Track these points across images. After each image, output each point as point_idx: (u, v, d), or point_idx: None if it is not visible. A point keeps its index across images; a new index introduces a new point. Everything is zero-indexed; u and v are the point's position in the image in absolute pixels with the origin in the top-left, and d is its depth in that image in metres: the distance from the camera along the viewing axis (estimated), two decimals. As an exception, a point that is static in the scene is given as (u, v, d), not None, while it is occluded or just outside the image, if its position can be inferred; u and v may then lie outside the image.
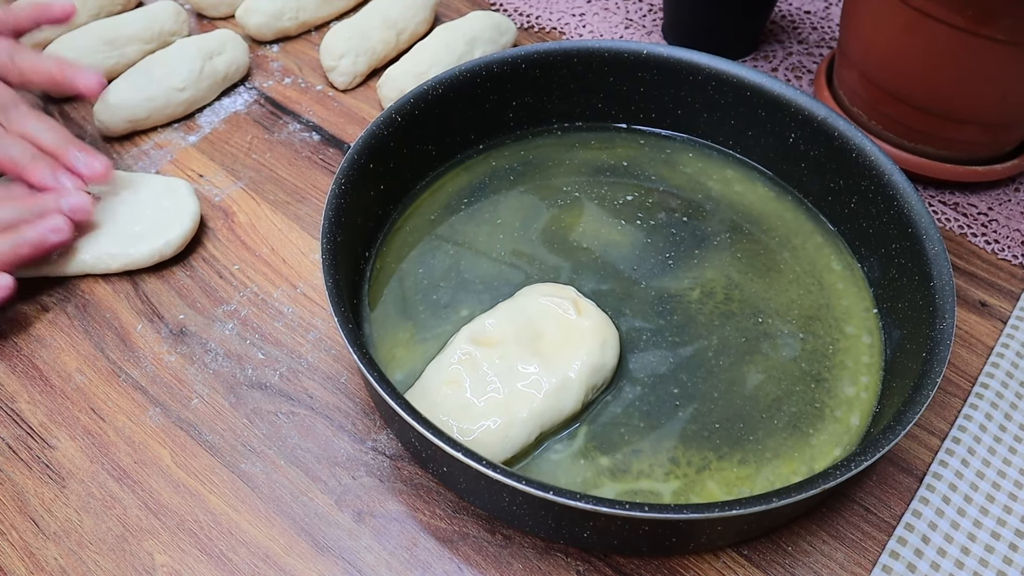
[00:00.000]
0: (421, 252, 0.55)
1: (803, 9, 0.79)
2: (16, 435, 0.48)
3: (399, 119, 0.53)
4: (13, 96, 0.56)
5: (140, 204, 0.58)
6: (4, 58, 0.56)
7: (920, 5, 0.53)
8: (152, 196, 0.58)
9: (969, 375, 0.52)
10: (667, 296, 0.53)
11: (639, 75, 0.59)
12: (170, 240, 0.56)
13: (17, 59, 0.56)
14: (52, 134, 0.55)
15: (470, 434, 0.44)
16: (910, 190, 0.50)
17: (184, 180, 0.60)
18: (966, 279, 0.57)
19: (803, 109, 0.55)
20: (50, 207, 0.53)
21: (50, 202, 0.53)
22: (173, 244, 0.56)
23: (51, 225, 0.52)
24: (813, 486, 0.37)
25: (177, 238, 0.56)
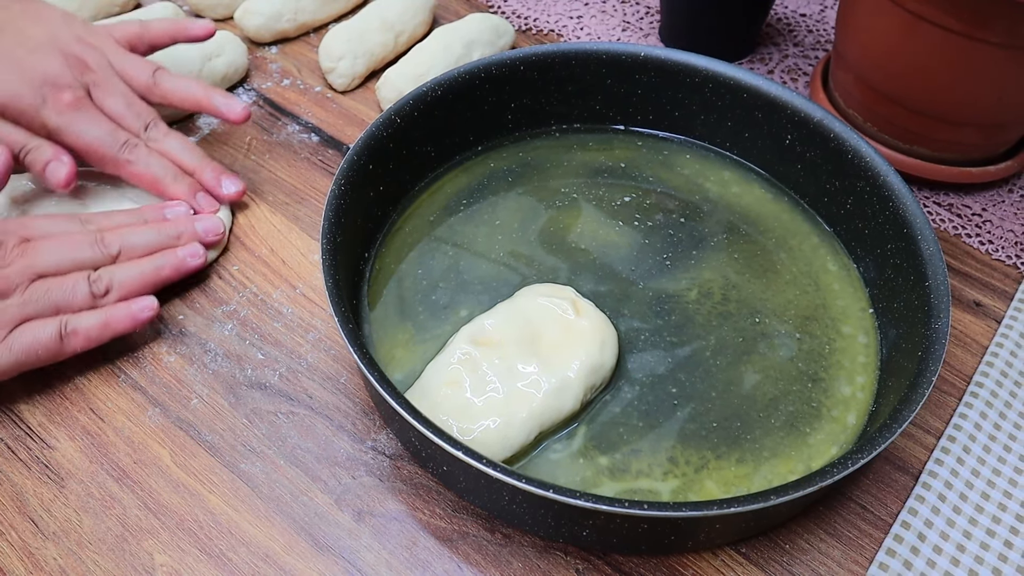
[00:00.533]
0: (420, 253, 0.55)
1: (799, 12, 0.80)
2: (15, 435, 0.48)
3: (398, 120, 0.54)
4: (153, 114, 0.58)
5: None
6: (146, 78, 0.58)
7: (915, 8, 0.53)
8: None
9: (964, 374, 0.53)
10: (665, 297, 0.53)
11: (637, 77, 0.59)
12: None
13: (159, 79, 0.58)
14: (190, 154, 0.58)
15: (470, 434, 0.44)
16: (905, 191, 0.50)
17: None
18: (960, 279, 0.58)
19: (799, 111, 0.56)
20: (186, 231, 0.55)
21: (186, 225, 0.55)
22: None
23: (190, 251, 0.54)
24: (810, 484, 0.38)
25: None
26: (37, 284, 0.49)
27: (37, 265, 0.50)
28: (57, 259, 0.50)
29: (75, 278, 0.50)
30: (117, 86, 0.56)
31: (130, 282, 0.52)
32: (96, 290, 0.51)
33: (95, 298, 0.51)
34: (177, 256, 0.54)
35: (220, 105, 0.58)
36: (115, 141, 0.55)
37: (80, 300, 0.50)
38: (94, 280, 0.51)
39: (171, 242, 0.55)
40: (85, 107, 0.55)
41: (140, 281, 0.52)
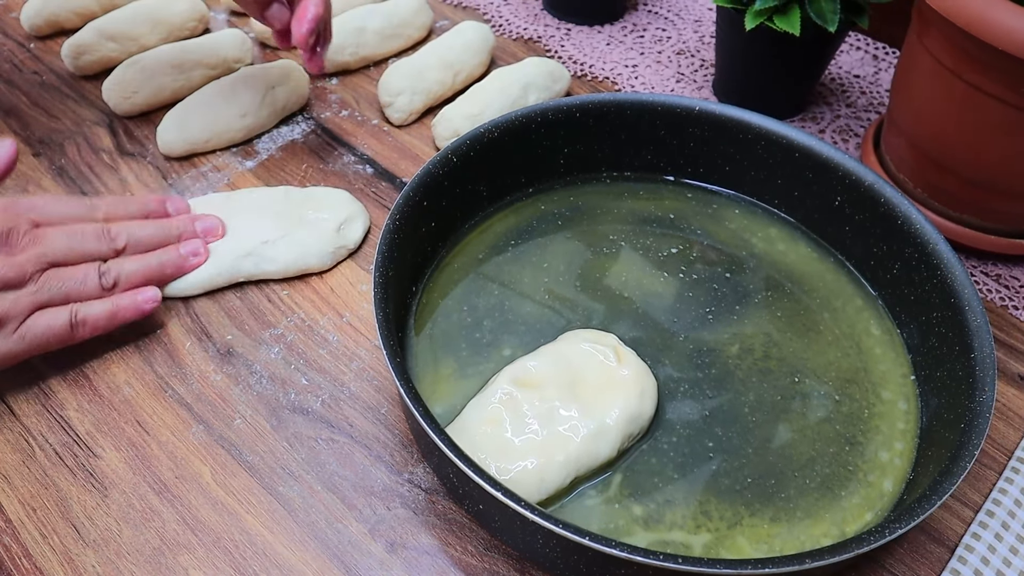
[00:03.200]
0: (466, 290, 0.56)
1: (852, 73, 0.80)
2: (63, 441, 0.50)
3: (454, 159, 0.55)
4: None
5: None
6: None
7: (973, 79, 0.54)
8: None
9: (1005, 448, 0.52)
10: (706, 349, 0.54)
11: (690, 130, 0.60)
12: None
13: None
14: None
15: (507, 473, 0.44)
16: (954, 260, 0.50)
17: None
18: (1006, 351, 0.58)
19: (851, 173, 0.56)
20: (187, 229, 0.58)
21: (187, 224, 0.58)
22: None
23: (191, 249, 0.57)
24: (847, 550, 0.38)
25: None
26: (50, 273, 0.51)
27: (48, 253, 0.51)
28: (67, 248, 0.52)
29: (85, 269, 0.53)
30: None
31: (136, 277, 0.54)
32: (105, 283, 0.53)
33: (103, 290, 0.53)
34: (180, 254, 0.56)
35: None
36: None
37: (90, 291, 0.52)
38: (103, 272, 0.53)
39: (172, 240, 0.57)
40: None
41: (144, 277, 0.55)
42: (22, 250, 0.50)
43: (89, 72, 0.75)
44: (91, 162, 0.67)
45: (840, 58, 0.82)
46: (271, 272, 0.58)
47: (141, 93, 0.70)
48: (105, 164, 0.67)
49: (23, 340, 0.49)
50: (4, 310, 0.48)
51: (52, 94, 0.73)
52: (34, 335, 0.50)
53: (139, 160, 0.68)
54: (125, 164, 0.67)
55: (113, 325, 0.53)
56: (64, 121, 0.71)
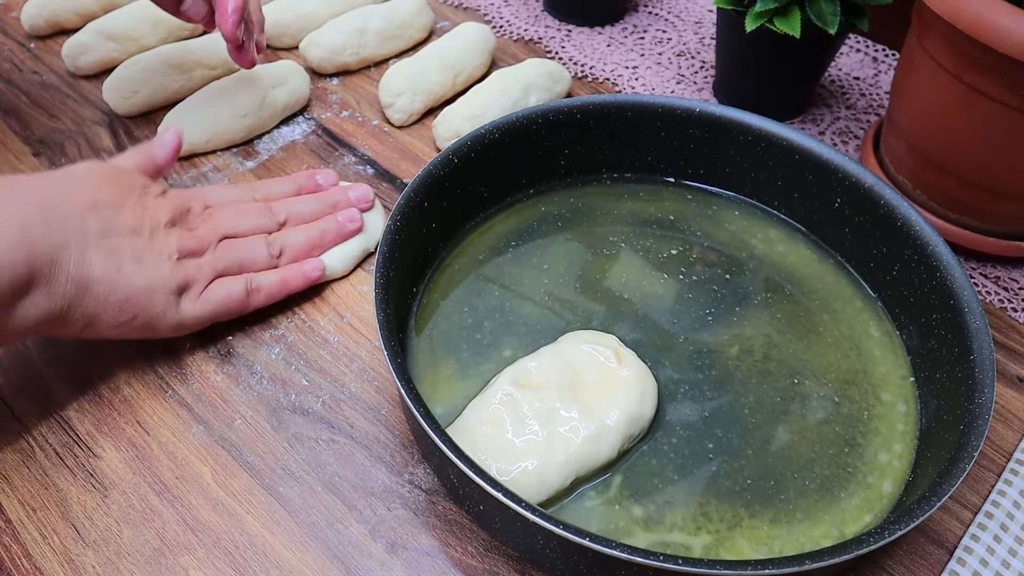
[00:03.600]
0: (467, 291, 0.56)
1: (852, 75, 0.80)
2: (63, 442, 0.50)
3: (455, 160, 0.55)
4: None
5: None
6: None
7: (972, 81, 0.54)
8: None
9: (1004, 450, 0.52)
10: (706, 351, 0.54)
11: (690, 132, 0.60)
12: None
13: None
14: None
15: (507, 474, 0.44)
16: (954, 263, 0.50)
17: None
18: (1005, 353, 0.58)
19: (850, 175, 0.56)
20: (341, 199, 0.61)
21: (340, 195, 0.61)
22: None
23: (348, 216, 0.60)
24: (846, 551, 0.38)
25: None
26: (224, 244, 0.55)
27: (221, 227, 0.55)
28: (235, 223, 0.56)
29: (255, 240, 0.56)
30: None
31: (300, 246, 0.58)
32: (273, 251, 0.56)
33: (272, 259, 0.56)
34: (338, 221, 0.59)
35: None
36: None
37: (261, 259, 0.56)
38: (270, 243, 0.56)
39: (329, 210, 0.60)
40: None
41: (308, 245, 0.58)
42: (199, 226, 0.54)
43: (89, 72, 0.75)
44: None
45: (840, 60, 0.82)
46: None
47: (141, 93, 0.70)
48: (105, 164, 0.67)
49: (208, 304, 0.52)
50: (190, 275, 0.52)
51: (52, 94, 0.73)
52: (218, 299, 0.53)
53: (139, 160, 0.67)
54: (125, 164, 0.67)
55: (284, 292, 0.56)
56: (64, 121, 0.71)
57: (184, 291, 0.51)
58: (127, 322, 0.49)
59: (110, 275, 0.47)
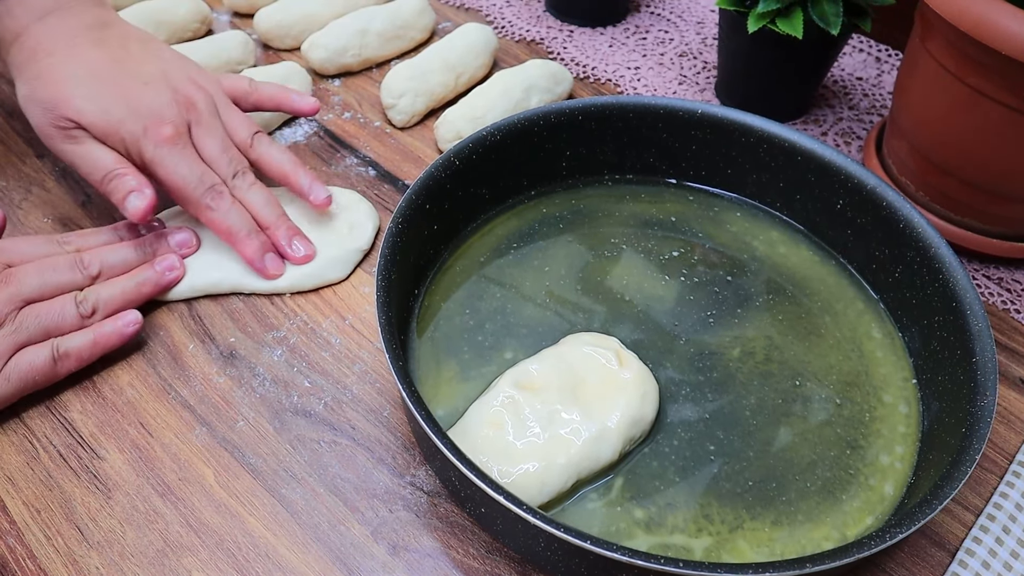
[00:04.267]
0: (468, 293, 0.56)
1: (855, 75, 0.80)
2: (67, 443, 0.50)
3: (457, 162, 0.55)
4: (244, 164, 0.59)
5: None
6: (244, 135, 0.60)
7: (975, 83, 0.54)
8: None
9: (1007, 452, 0.52)
10: (707, 352, 0.54)
11: (692, 133, 0.60)
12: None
13: (256, 142, 0.60)
14: (269, 209, 0.59)
15: (508, 476, 0.44)
16: (956, 264, 0.50)
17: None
18: (1007, 355, 0.58)
19: (852, 177, 0.56)
20: (160, 246, 0.58)
21: (159, 242, 0.58)
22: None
23: (167, 264, 0.56)
24: (848, 554, 0.38)
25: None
26: (26, 311, 0.51)
27: (23, 291, 0.51)
28: (40, 283, 0.52)
29: (62, 301, 0.52)
30: (217, 129, 0.58)
31: (114, 301, 0.54)
32: (83, 311, 0.53)
33: (82, 319, 0.53)
34: (155, 271, 0.56)
35: (304, 187, 0.59)
36: (202, 184, 0.56)
37: (69, 323, 0.52)
38: (80, 301, 0.53)
39: (147, 258, 0.57)
40: (181, 143, 0.56)
41: (123, 299, 0.54)
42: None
43: (92, 74, 0.75)
44: (95, 164, 0.67)
45: (843, 61, 0.82)
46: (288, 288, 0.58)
47: (144, 95, 0.70)
48: (108, 166, 0.67)
49: (8, 382, 0.49)
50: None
51: (56, 96, 0.73)
52: (19, 375, 0.49)
53: (142, 162, 0.68)
54: (128, 166, 0.67)
55: (97, 353, 0.52)
56: (68, 123, 0.71)
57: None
58: None
59: None
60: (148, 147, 0.55)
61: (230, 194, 0.57)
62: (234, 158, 0.58)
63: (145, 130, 0.55)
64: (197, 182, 0.56)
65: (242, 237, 0.57)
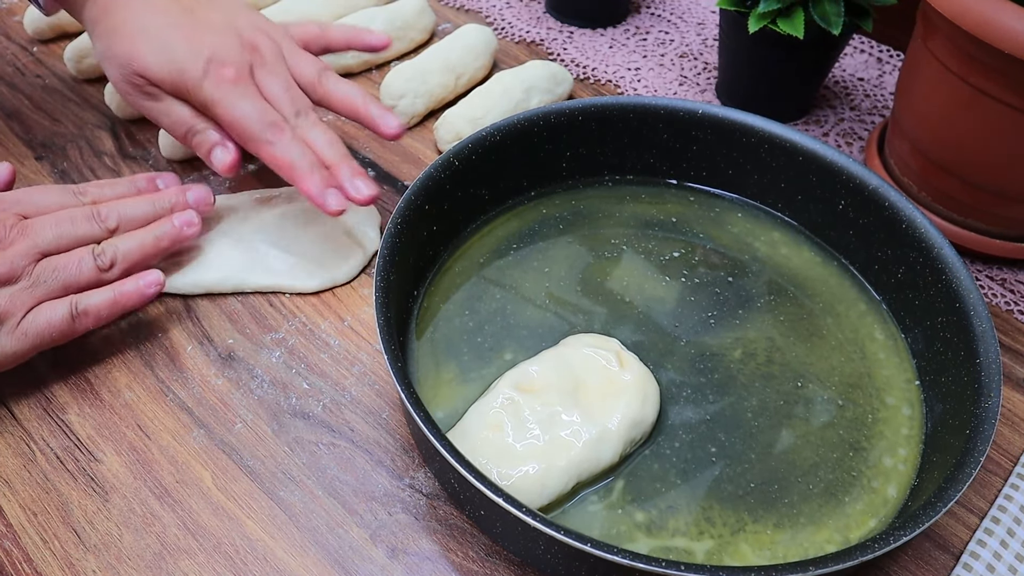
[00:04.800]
0: (468, 294, 0.56)
1: (856, 76, 0.80)
2: (64, 446, 0.50)
3: (456, 163, 0.55)
4: (307, 103, 0.57)
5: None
6: (312, 74, 0.58)
7: (977, 83, 0.54)
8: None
9: (1011, 454, 0.52)
10: (708, 354, 0.53)
11: (693, 133, 0.60)
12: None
13: (324, 78, 0.58)
14: (332, 149, 0.56)
15: (508, 478, 0.44)
16: (959, 265, 0.50)
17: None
18: (1011, 356, 0.57)
19: (854, 177, 0.56)
20: (179, 201, 0.57)
21: (178, 196, 0.57)
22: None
23: (185, 219, 0.55)
24: (851, 557, 0.37)
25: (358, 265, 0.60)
26: (43, 263, 0.50)
27: (39, 244, 0.50)
28: (57, 235, 0.51)
29: (80, 254, 0.52)
30: (280, 70, 0.56)
31: (132, 254, 0.53)
32: (101, 264, 0.52)
33: (101, 272, 0.52)
34: (174, 225, 0.55)
35: (376, 116, 0.57)
36: (262, 120, 0.54)
37: (87, 276, 0.51)
38: (98, 254, 0.52)
39: (165, 212, 0.56)
40: (243, 83, 0.54)
41: (141, 253, 0.54)
42: (11, 244, 0.50)
43: (92, 76, 0.75)
44: (93, 165, 0.67)
45: (844, 61, 0.82)
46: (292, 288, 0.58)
47: (143, 97, 0.70)
48: (107, 167, 0.67)
49: (26, 337, 0.49)
50: (2, 307, 0.48)
51: (55, 98, 0.73)
52: (37, 330, 0.49)
53: (141, 163, 0.67)
54: (127, 167, 0.67)
55: (116, 312, 0.52)
56: (66, 124, 0.71)
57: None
58: None
59: None
60: (209, 88, 0.54)
61: (291, 132, 0.55)
62: (296, 97, 0.56)
63: (206, 72, 0.54)
64: (258, 118, 0.54)
65: (304, 171, 0.54)
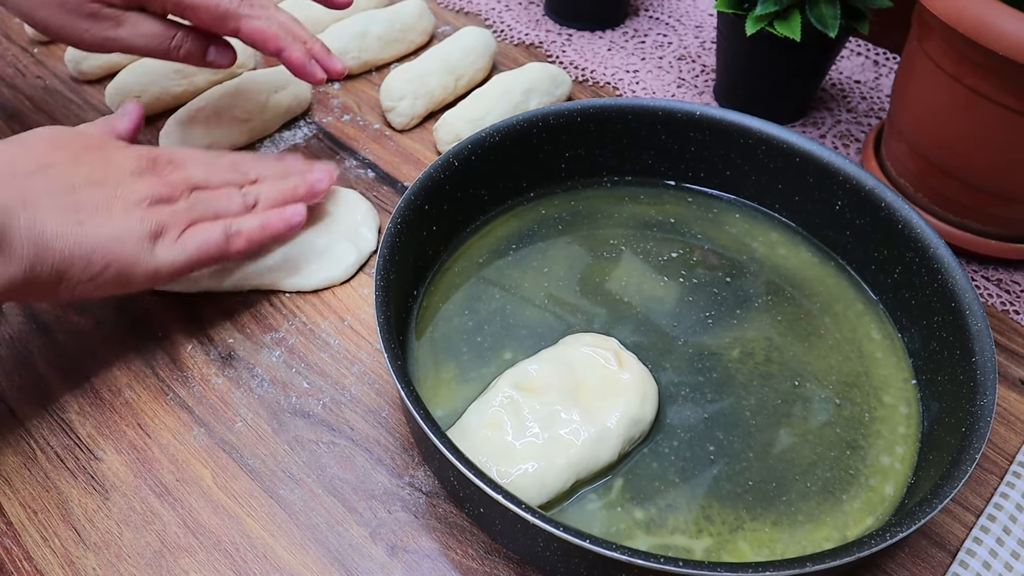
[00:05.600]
0: (467, 294, 0.56)
1: (853, 78, 0.80)
2: (64, 444, 0.50)
3: (456, 163, 0.55)
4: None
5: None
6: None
7: (973, 84, 0.54)
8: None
9: (1007, 452, 0.52)
10: (707, 353, 0.54)
11: (691, 135, 0.60)
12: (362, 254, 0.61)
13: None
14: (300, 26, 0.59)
15: (507, 477, 0.44)
16: (955, 265, 0.50)
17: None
18: (1007, 356, 0.58)
19: (851, 178, 0.56)
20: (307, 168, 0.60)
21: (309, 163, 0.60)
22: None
23: (318, 175, 0.59)
24: (848, 554, 0.38)
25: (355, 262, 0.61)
26: (197, 192, 0.54)
27: (192, 177, 0.54)
28: (207, 175, 0.55)
29: (228, 191, 0.55)
30: None
31: (274, 197, 0.57)
32: (248, 201, 0.55)
33: (247, 208, 0.55)
34: (309, 178, 0.58)
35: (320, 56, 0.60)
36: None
37: (236, 208, 0.55)
38: (245, 193, 0.56)
39: (297, 173, 0.59)
40: None
41: (281, 197, 0.57)
42: (168, 174, 0.53)
43: (92, 77, 0.75)
44: (93, 166, 0.67)
45: (841, 63, 0.82)
46: (291, 286, 0.58)
47: (143, 97, 0.70)
48: (107, 168, 0.67)
49: (185, 249, 0.51)
50: (163, 221, 0.50)
51: (55, 98, 0.74)
52: (195, 244, 0.51)
53: (141, 164, 0.68)
54: (127, 168, 0.67)
55: (265, 236, 0.54)
56: (67, 125, 0.71)
57: (158, 237, 0.50)
58: (99, 273, 0.48)
59: (70, 230, 0.46)
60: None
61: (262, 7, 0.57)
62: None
63: None
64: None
65: (289, 41, 0.56)
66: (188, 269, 0.52)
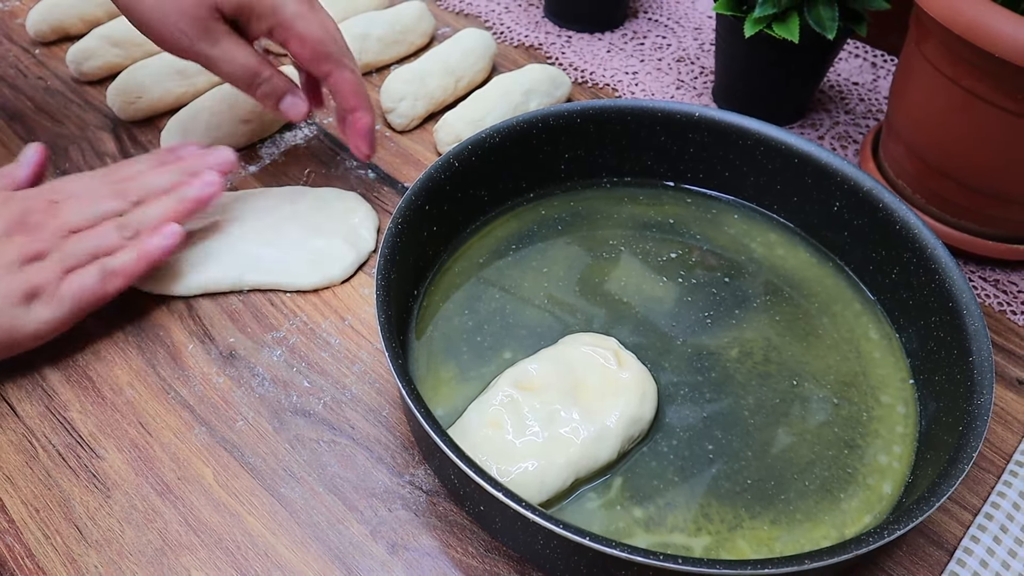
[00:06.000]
0: (467, 294, 0.56)
1: (851, 80, 0.81)
2: (66, 443, 0.50)
3: (456, 164, 0.55)
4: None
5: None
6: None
7: (971, 86, 0.54)
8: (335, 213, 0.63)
9: (1004, 452, 0.52)
10: (705, 353, 0.54)
11: (690, 136, 0.61)
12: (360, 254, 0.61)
13: None
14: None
15: (507, 475, 0.44)
16: (952, 265, 0.51)
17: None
18: (1004, 356, 0.58)
19: (849, 179, 0.56)
20: (201, 166, 0.58)
21: (199, 161, 0.58)
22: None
23: (205, 180, 0.57)
24: (845, 551, 0.38)
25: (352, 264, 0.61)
26: (71, 238, 0.53)
27: (68, 223, 0.53)
28: (84, 215, 0.54)
29: (105, 226, 0.54)
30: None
31: (155, 221, 0.55)
32: (125, 235, 0.54)
33: (124, 241, 0.54)
34: (193, 187, 0.56)
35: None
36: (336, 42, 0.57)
37: (112, 244, 0.53)
38: (122, 225, 0.54)
39: (188, 179, 0.57)
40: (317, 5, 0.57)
41: (163, 218, 0.55)
42: (43, 225, 0.52)
43: (94, 78, 0.75)
44: (95, 166, 0.67)
45: (839, 65, 0.82)
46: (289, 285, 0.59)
47: (145, 98, 0.70)
48: (109, 168, 0.67)
49: (63, 303, 0.51)
50: (36, 281, 0.50)
51: (57, 99, 0.74)
52: (71, 294, 0.51)
53: (142, 165, 0.68)
54: (129, 168, 0.67)
55: (143, 268, 0.53)
56: (68, 126, 0.71)
57: (33, 298, 0.50)
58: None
59: None
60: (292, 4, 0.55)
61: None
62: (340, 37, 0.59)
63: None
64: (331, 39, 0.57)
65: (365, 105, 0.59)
66: (72, 320, 0.52)
